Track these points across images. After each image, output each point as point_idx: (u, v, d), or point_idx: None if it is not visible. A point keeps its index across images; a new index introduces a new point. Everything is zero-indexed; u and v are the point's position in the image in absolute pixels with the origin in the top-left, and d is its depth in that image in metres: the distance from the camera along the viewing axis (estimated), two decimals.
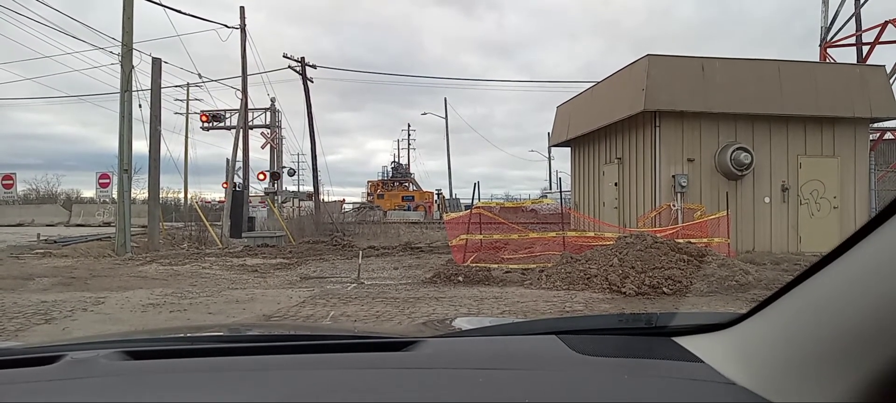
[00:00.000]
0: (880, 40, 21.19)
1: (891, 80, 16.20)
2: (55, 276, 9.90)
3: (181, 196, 39.69)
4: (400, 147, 65.81)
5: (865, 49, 21.85)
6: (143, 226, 19.94)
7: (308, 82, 24.94)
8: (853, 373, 0.75)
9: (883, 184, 19.78)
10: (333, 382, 1.03)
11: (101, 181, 37.20)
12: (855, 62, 20.63)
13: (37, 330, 5.90)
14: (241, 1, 25.42)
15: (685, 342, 1.14)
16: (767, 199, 14.14)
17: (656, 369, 1.06)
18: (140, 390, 0.99)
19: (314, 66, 25.23)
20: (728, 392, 0.94)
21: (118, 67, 15.14)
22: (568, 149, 19.89)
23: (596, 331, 1.31)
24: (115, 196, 22.98)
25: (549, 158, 54.31)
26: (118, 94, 15.08)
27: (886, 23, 20.85)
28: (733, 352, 1.01)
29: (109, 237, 17.40)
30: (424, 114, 78.35)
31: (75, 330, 5.90)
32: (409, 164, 60.51)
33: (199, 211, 21.08)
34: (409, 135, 66.11)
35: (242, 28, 22.07)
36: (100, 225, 28.77)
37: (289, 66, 24.65)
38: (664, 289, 7.80)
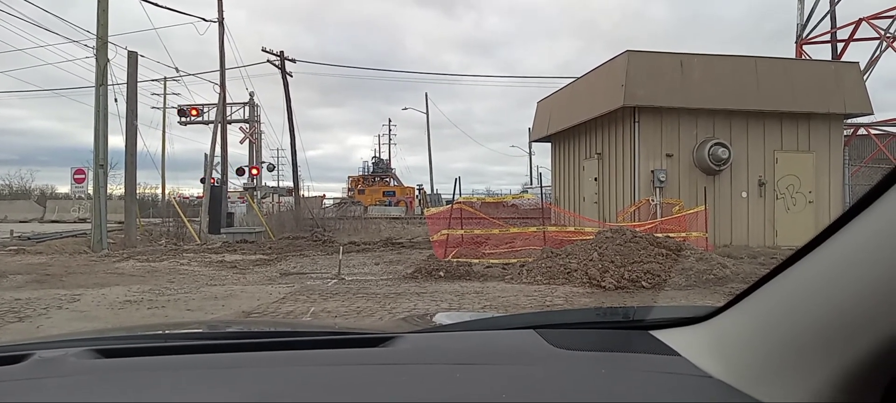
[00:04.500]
0: (855, 37, 21.56)
1: (865, 77, 16.48)
2: (29, 273, 9.72)
3: (158, 191, 39.27)
4: (381, 142, 65.73)
5: (840, 46, 22.21)
6: (119, 223, 19.65)
7: (287, 76, 24.74)
8: (827, 365, 0.76)
9: (857, 179, 20.11)
10: (310, 379, 1.01)
11: (76, 177, 36.65)
12: (830, 59, 20.96)
13: (10, 328, 5.79)
14: None
15: (662, 335, 1.15)
16: (744, 194, 14.33)
17: (632, 362, 1.06)
18: (109, 389, 0.96)
19: (293, 61, 25.03)
20: (703, 384, 0.94)
21: (94, 61, 14.90)
22: (548, 145, 19.98)
23: (573, 325, 1.31)
24: (90, 192, 22.62)
25: (530, 153, 54.43)
26: (93, 89, 14.84)
27: (861, 20, 21.22)
28: (709, 345, 1.02)
29: (85, 233, 17.13)
30: (405, 109, 78.02)
31: (50, 329, 5.80)
32: (390, 160, 60.40)
33: (176, 206, 20.80)
34: (390, 130, 66.06)
35: (220, 21, 21.79)
36: (75, 222, 28.32)
37: (268, 61, 24.42)
38: (643, 283, 7.87)
